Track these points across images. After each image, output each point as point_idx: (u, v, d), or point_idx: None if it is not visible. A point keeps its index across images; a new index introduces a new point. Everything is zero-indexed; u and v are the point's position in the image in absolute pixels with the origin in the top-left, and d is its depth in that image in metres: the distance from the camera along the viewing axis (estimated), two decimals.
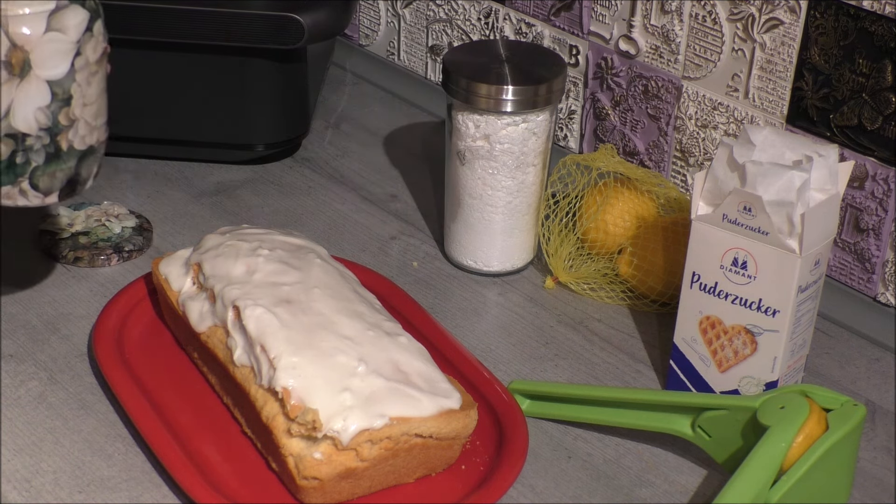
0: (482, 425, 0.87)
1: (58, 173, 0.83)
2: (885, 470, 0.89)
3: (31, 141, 0.81)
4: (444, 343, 0.95)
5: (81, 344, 0.97)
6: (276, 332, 0.84)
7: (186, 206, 1.15)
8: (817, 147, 0.87)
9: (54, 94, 0.80)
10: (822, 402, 0.82)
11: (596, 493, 0.86)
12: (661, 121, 1.13)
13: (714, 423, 0.85)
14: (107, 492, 0.84)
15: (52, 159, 0.82)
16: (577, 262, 1.07)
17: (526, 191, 1.05)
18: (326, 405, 0.80)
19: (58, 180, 0.83)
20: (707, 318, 0.90)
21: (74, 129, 0.82)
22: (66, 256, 1.05)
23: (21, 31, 0.77)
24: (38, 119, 0.80)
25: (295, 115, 1.20)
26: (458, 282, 1.07)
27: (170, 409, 0.89)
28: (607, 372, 0.97)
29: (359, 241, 1.12)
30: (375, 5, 1.37)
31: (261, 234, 0.95)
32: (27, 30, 0.78)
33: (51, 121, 0.81)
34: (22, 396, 0.91)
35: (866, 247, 1.01)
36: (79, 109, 0.82)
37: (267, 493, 0.83)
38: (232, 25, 1.10)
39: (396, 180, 1.21)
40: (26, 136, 0.80)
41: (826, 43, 0.99)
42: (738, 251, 0.87)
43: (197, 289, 0.92)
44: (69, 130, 0.82)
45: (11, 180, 0.81)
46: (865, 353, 1.01)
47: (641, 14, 1.11)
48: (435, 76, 1.34)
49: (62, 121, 0.81)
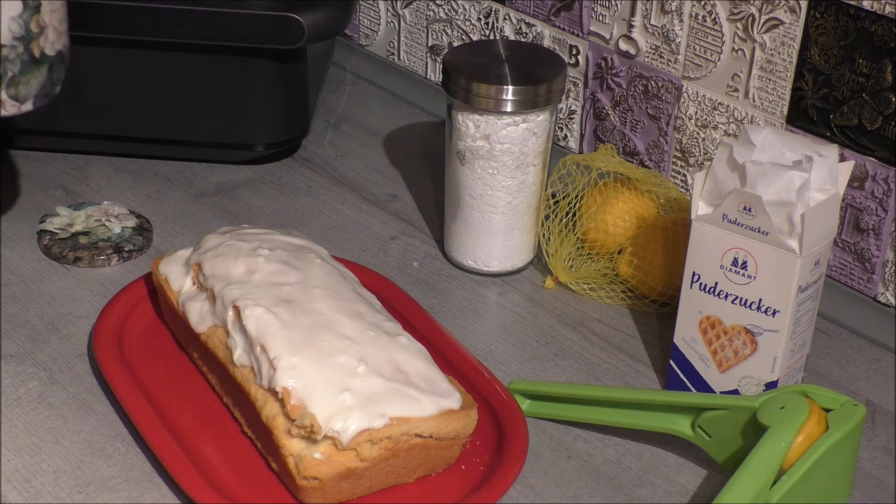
0: (482, 425, 0.87)
1: (32, 80, 0.86)
2: (885, 470, 0.89)
3: (7, 51, 0.84)
4: (444, 343, 0.95)
5: (81, 344, 0.97)
6: (277, 333, 0.84)
7: (186, 206, 1.15)
8: (817, 147, 0.87)
9: (25, 3, 0.83)
10: (822, 402, 0.82)
11: (596, 493, 0.86)
12: (661, 121, 1.13)
13: (714, 423, 0.85)
14: (107, 492, 0.84)
15: (26, 67, 0.86)
16: (577, 262, 1.07)
17: (526, 191, 1.05)
18: (326, 405, 0.80)
19: (32, 87, 0.87)
20: (707, 318, 0.90)
21: (45, 35, 0.85)
22: (66, 256, 1.05)
23: None
24: (12, 29, 0.83)
25: (295, 115, 1.20)
26: (458, 282, 1.07)
27: (170, 409, 0.89)
28: (607, 372, 0.97)
29: (359, 241, 1.12)
30: (375, 5, 1.37)
31: (261, 234, 0.95)
32: None
33: (23, 29, 0.84)
34: (22, 396, 0.91)
35: (866, 247, 1.01)
36: (48, 16, 0.85)
37: (267, 493, 0.83)
38: (232, 25, 1.10)
39: (396, 180, 1.21)
40: (1, 48, 0.84)
41: (826, 43, 0.99)
42: (738, 251, 0.87)
43: (197, 289, 0.92)
44: (40, 37, 0.85)
45: None
46: (865, 353, 1.01)
47: (641, 14, 1.11)
48: (435, 76, 1.34)
49: (33, 28, 0.84)
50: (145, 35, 1.11)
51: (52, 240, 1.06)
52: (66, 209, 1.10)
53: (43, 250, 1.07)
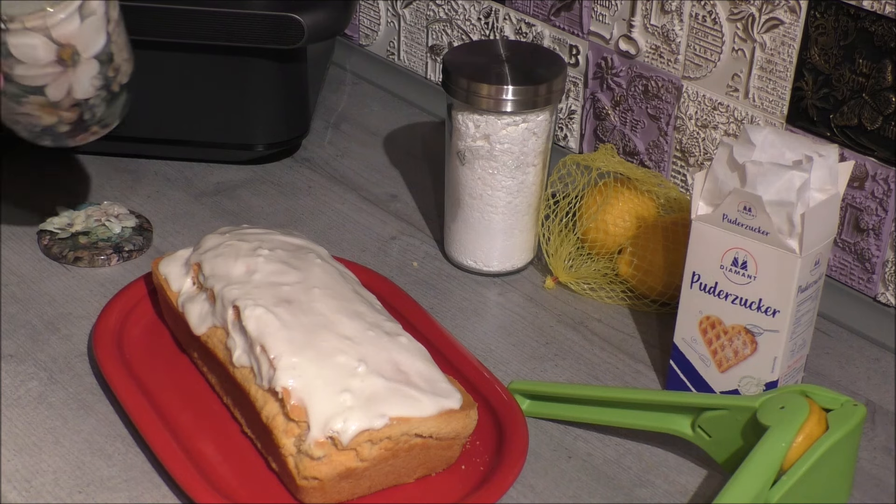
0: (482, 425, 0.87)
1: (115, 108, 0.95)
2: (885, 470, 0.89)
3: (93, 100, 0.92)
4: (444, 343, 0.95)
5: (81, 344, 0.97)
6: (277, 333, 0.84)
7: (186, 206, 1.15)
8: (817, 147, 0.87)
9: (101, 62, 0.90)
10: (822, 402, 0.82)
11: (596, 493, 0.86)
12: (661, 121, 1.13)
13: (714, 423, 0.85)
14: (107, 492, 0.84)
15: (110, 103, 0.94)
16: (577, 262, 1.07)
17: (526, 191, 1.05)
18: (326, 405, 0.80)
19: (117, 113, 0.95)
20: (707, 318, 0.90)
21: (119, 71, 0.93)
22: (66, 256, 1.05)
23: (63, 32, 0.86)
24: (94, 84, 0.91)
25: (295, 115, 1.20)
26: (458, 282, 1.07)
27: (170, 409, 0.89)
28: (607, 372, 0.97)
29: (359, 241, 1.12)
30: (375, 5, 1.37)
31: (261, 234, 0.95)
32: (67, 29, 0.86)
33: (103, 80, 0.91)
34: (22, 396, 0.91)
35: (866, 247, 1.01)
36: (119, 57, 0.92)
37: (267, 493, 0.83)
38: (232, 25, 1.10)
39: (396, 180, 1.21)
40: (87, 100, 0.91)
41: (826, 43, 0.99)
42: (738, 251, 0.87)
43: (197, 289, 0.92)
44: (117, 76, 0.93)
45: (84, 129, 0.94)
46: (865, 353, 1.01)
47: (641, 14, 1.11)
48: (435, 76, 1.34)
49: (111, 73, 0.92)
50: (145, 35, 1.10)
51: (52, 240, 1.06)
52: (66, 209, 1.10)
53: (43, 250, 1.07)
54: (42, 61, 0.87)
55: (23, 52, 0.86)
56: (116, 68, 0.91)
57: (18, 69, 0.87)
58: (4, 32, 0.85)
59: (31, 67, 0.87)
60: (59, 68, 0.87)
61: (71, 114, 0.91)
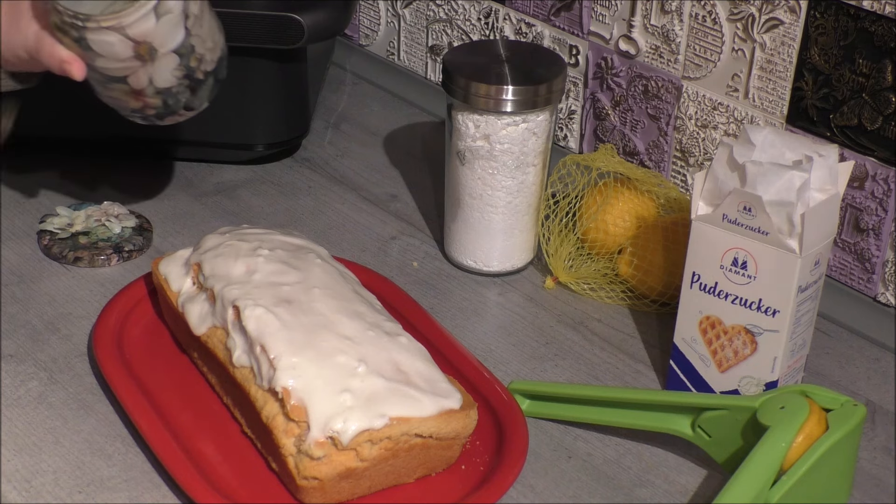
0: (482, 425, 0.87)
1: (202, 93, 0.96)
2: (885, 470, 0.89)
3: (175, 89, 0.94)
4: (444, 343, 0.95)
5: (81, 344, 0.97)
6: (276, 333, 0.84)
7: (186, 206, 1.15)
8: (817, 147, 0.87)
9: (181, 54, 0.92)
10: (822, 402, 0.82)
11: (596, 493, 0.86)
12: (661, 121, 1.13)
13: (714, 423, 0.85)
14: (107, 492, 0.84)
15: (195, 90, 0.95)
16: (577, 262, 1.07)
17: (526, 191, 1.05)
18: (326, 405, 0.80)
19: (204, 97, 0.97)
20: (707, 318, 0.90)
21: (202, 61, 0.94)
22: (66, 256, 1.05)
23: (138, 31, 0.88)
24: (175, 75, 0.93)
25: (295, 115, 1.20)
26: (458, 282, 1.07)
27: (170, 409, 0.89)
28: (607, 372, 0.97)
29: (359, 241, 1.12)
30: (375, 5, 1.37)
31: (261, 234, 0.95)
32: (142, 28, 0.88)
33: (185, 70, 0.93)
34: (22, 396, 0.91)
35: (866, 247, 1.01)
36: (201, 48, 0.93)
37: (267, 493, 0.83)
38: (232, 25, 1.10)
39: (396, 180, 1.21)
40: (170, 88, 0.93)
41: (826, 43, 0.99)
42: (738, 251, 0.87)
43: (197, 289, 0.92)
44: (200, 65, 0.94)
45: (171, 113, 0.96)
46: (865, 353, 1.01)
47: (641, 14, 1.11)
48: (435, 76, 1.34)
49: (193, 64, 0.93)
50: None
51: (52, 240, 1.06)
52: (66, 209, 1.10)
53: (43, 250, 1.07)
54: (120, 56, 0.89)
55: (101, 47, 0.88)
56: (199, 58, 0.93)
57: (99, 61, 0.90)
58: (83, 29, 0.87)
59: (111, 61, 0.89)
60: (138, 62, 0.90)
61: (155, 100, 0.94)
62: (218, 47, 0.96)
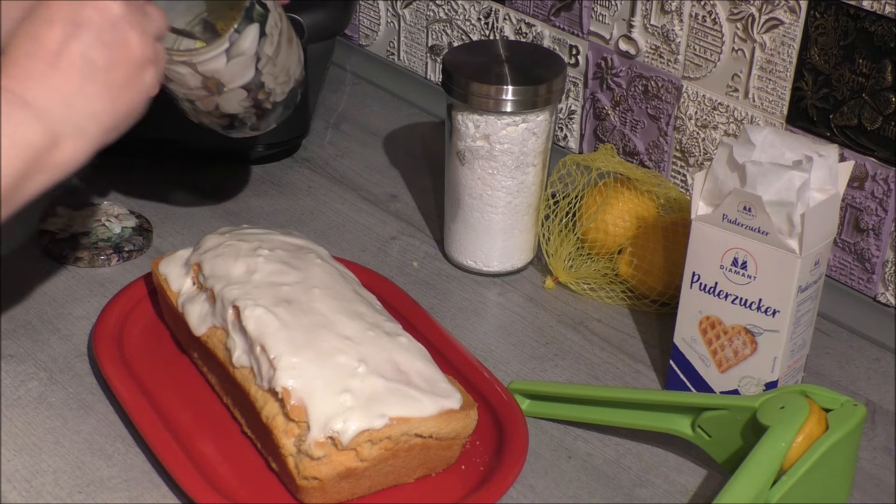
0: (482, 425, 0.87)
1: (269, 119, 0.98)
2: (885, 470, 0.89)
3: (242, 115, 0.96)
4: (444, 343, 0.95)
5: (81, 344, 0.97)
6: (276, 333, 0.84)
7: (186, 206, 1.15)
8: (817, 147, 0.87)
9: (248, 90, 0.93)
10: (822, 402, 0.82)
11: (596, 493, 0.86)
12: (661, 121, 1.13)
13: (714, 423, 0.85)
14: (107, 492, 0.84)
15: (262, 117, 0.97)
16: (577, 262, 1.07)
17: (526, 191, 1.05)
18: (326, 405, 0.80)
19: (271, 122, 0.99)
20: (707, 318, 0.90)
21: (272, 94, 0.95)
22: (66, 256, 1.05)
23: (207, 69, 0.90)
24: (242, 105, 0.94)
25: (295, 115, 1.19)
26: (458, 282, 1.07)
27: (170, 409, 0.89)
28: (607, 372, 0.97)
29: (359, 241, 1.12)
30: (375, 5, 1.37)
31: (261, 235, 0.95)
32: (211, 66, 0.90)
33: (252, 102, 0.94)
34: (22, 396, 0.91)
35: (866, 247, 1.01)
36: (272, 83, 0.94)
37: (267, 493, 0.83)
38: None
39: (396, 180, 1.21)
40: (236, 115, 0.95)
41: (826, 43, 0.99)
42: (738, 251, 0.87)
43: (197, 289, 0.92)
44: (269, 97, 0.95)
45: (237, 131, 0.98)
46: (865, 353, 1.01)
47: (641, 14, 1.11)
48: (435, 76, 1.34)
49: (261, 97, 0.95)
50: None
51: (52, 240, 1.06)
52: (66, 209, 1.10)
53: (43, 250, 1.07)
54: (190, 85, 0.92)
55: (173, 75, 0.91)
56: (269, 92, 0.95)
57: (171, 84, 0.92)
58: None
59: (181, 86, 0.92)
60: (205, 92, 0.92)
61: (222, 121, 0.96)
62: (292, 79, 0.97)
